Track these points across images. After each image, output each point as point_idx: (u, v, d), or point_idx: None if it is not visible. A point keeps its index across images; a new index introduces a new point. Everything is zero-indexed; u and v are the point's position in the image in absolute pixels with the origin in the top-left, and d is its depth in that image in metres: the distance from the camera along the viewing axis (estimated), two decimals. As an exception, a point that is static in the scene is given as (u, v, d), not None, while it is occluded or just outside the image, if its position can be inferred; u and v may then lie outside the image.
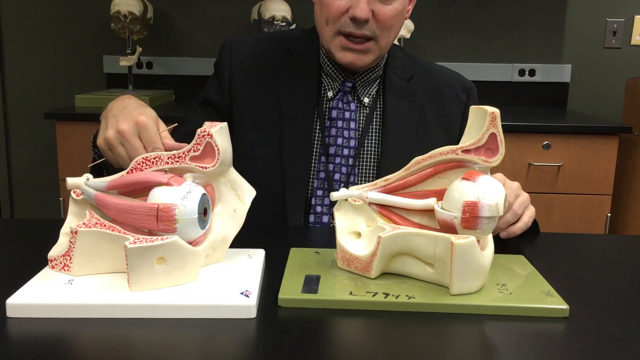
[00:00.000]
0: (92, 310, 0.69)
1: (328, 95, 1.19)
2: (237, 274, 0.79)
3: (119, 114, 0.91)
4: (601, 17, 2.73)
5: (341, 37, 1.11)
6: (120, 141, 0.88)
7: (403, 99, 1.20)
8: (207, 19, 2.76)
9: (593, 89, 2.78)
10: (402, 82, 1.21)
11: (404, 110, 1.19)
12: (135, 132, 0.88)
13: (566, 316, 0.73)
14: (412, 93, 1.21)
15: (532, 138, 2.23)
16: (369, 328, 0.70)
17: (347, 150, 1.17)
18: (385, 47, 1.14)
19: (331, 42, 1.13)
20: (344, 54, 1.12)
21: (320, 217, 1.17)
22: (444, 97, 1.23)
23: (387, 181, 0.85)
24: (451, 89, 1.24)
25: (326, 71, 1.20)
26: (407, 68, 1.23)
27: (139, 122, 0.87)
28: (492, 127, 0.79)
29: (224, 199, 0.83)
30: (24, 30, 2.78)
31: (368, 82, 1.20)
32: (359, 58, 1.12)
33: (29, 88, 2.78)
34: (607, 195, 2.26)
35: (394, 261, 0.81)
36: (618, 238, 1.33)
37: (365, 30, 1.09)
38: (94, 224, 0.77)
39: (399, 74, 1.21)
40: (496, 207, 0.74)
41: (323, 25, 1.13)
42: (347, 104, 1.18)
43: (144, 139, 0.88)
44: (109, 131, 0.89)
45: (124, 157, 0.89)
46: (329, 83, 1.20)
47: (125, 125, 0.88)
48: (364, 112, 1.20)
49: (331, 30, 1.11)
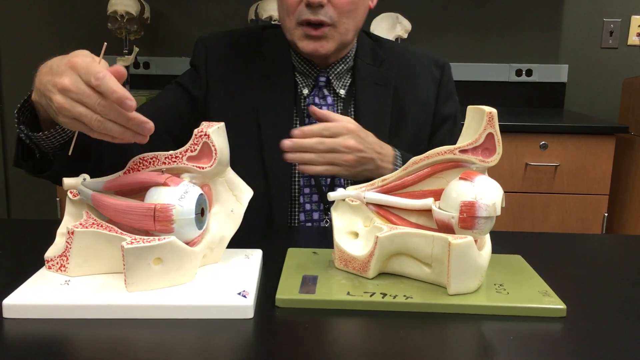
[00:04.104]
0: (89, 311, 0.69)
1: (304, 92, 1.20)
2: (234, 274, 0.79)
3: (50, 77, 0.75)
4: (598, 18, 2.73)
5: (302, 26, 1.12)
6: (74, 99, 0.72)
7: (374, 85, 1.21)
8: (204, 19, 2.76)
9: (590, 89, 2.79)
10: (372, 69, 1.22)
11: (377, 96, 1.20)
12: (78, 79, 0.71)
13: (563, 316, 0.73)
14: (383, 78, 1.21)
15: (529, 138, 2.23)
16: (366, 328, 0.70)
17: None
18: (345, 33, 1.13)
19: (294, 34, 1.13)
20: (306, 43, 1.13)
21: (310, 214, 1.17)
22: (417, 76, 1.24)
23: (384, 181, 0.85)
24: (424, 68, 1.25)
25: (299, 69, 1.20)
26: (377, 54, 1.24)
27: (73, 66, 0.72)
28: (489, 127, 0.79)
29: (221, 199, 0.83)
30: (21, 29, 2.77)
31: (341, 74, 1.21)
32: (320, 45, 1.12)
33: (25, 88, 2.76)
34: (604, 195, 2.26)
35: (392, 261, 0.81)
36: (615, 238, 1.33)
37: (320, 16, 1.09)
38: (90, 224, 0.77)
39: (368, 61, 1.22)
40: (493, 207, 0.74)
41: (285, 18, 1.14)
42: (323, 99, 1.19)
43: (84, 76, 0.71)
44: (56, 98, 0.72)
45: (87, 116, 0.71)
46: (303, 81, 1.21)
47: (65, 79, 0.71)
48: (341, 104, 1.21)
49: (292, 22, 1.12)
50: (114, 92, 0.70)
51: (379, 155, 1.05)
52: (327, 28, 1.11)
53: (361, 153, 1.02)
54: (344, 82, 1.21)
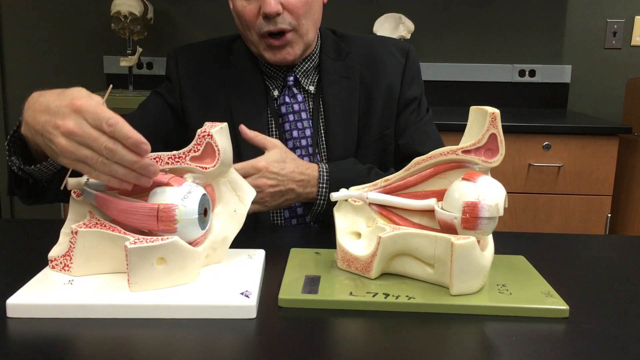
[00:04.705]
0: (92, 311, 0.70)
1: (274, 94, 1.22)
2: (237, 274, 0.79)
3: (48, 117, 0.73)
4: (601, 18, 2.73)
5: (264, 39, 1.14)
6: (79, 142, 0.70)
7: (340, 78, 1.22)
8: (207, 20, 2.76)
9: (593, 90, 2.78)
10: (337, 63, 1.24)
11: (343, 89, 1.22)
12: (84, 122, 0.70)
13: (566, 316, 0.73)
14: (349, 70, 1.23)
15: (532, 139, 2.23)
16: (369, 328, 0.70)
17: (304, 141, 1.20)
18: (307, 33, 1.16)
19: (259, 46, 1.16)
20: (272, 53, 1.15)
21: (294, 210, 1.19)
22: (382, 63, 1.25)
23: (387, 182, 0.85)
24: (389, 54, 1.26)
25: (267, 73, 1.23)
26: (340, 48, 1.26)
27: (77, 109, 0.70)
28: (492, 128, 0.79)
29: (224, 199, 0.83)
30: (25, 30, 2.78)
31: (309, 71, 1.23)
32: (287, 52, 1.15)
33: (29, 88, 2.76)
34: (607, 196, 2.26)
35: (394, 261, 0.81)
36: (618, 239, 1.33)
37: (280, 25, 1.11)
38: (94, 224, 0.77)
39: (332, 56, 1.24)
40: (496, 207, 0.74)
41: (246, 34, 1.17)
42: (293, 97, 1.21)
43: (92, 121, 0.70)
44: (58, 141, 0.71)
45: (93, 159, 0.71)
46: (272, 83, 1.23)
47: (69, 122, 0.70)
48: (311, 100, 1.23)
49: (254, 36, 1.15)
50: (129, 137, 0.70)
51: (299, 182, 1.05)
52: (289, 34, 1.13)
53: (275, 188, 1.03)
54: (312, 79, 1.24)
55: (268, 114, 1.21)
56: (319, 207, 1.08)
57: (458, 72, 2.75)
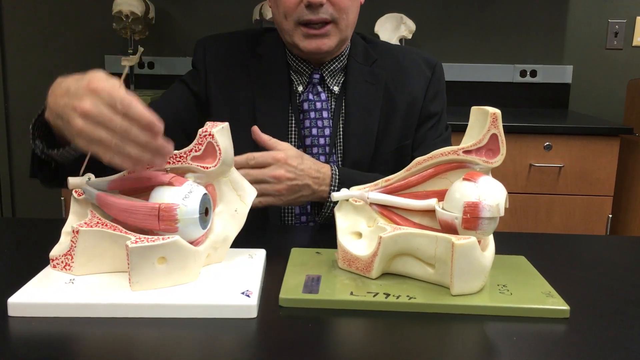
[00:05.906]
0: (93, 310, 0.70)
1: (299, 89, 1.23)
2: (238, 274, 0.79)
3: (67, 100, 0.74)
4: (603, 19, 2.73)
5: (301, 27, 1.14)
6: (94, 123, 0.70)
7: (365, 82, 1.23)
8: (209, 19, 2.76)
9: (594, 90, 2.78)
10: (364, 68, 1.24)
11: (367, 93, 1.22)
12: (99, 102, 0.71)
13: (567, 317, 0.73)
14: (374, 76, 1.24)
15: (533, 139, 2.23)
16: (369, 328, 0.70)
17: (322, 140, 1.20)
18: (345, 29, 1.17)
19: (294, 35, 1.16)
20: (308, 42, 1.15)
21: (305, 207, 1.19)
22: (408, 74, 1.26)
23: (388, 182, 0.85)
24: (416, 66, 1.27)
25: (293, 68, 1.23)
26: (369, 54, 1.27)
27: (94, 90, 0.71)
28: (493, 128, 0.79)
29: (225, 199, 0.84)
30: (26, 29, 2.78)
31: (335, 72, 1.24)
32: (322, 42, 1.15)
33: (30, 87, 2.78)
34: (608, 197, 2.26)
35: (395, 261, 0.81)
36: (619, 239, 1.33)
37: (322, 14, 1.12)
38: (95, 223, 0.77)
39: (360, 61, 1.25)
40: (497, 207, 0.74)
41: (282, 20, 1.16)
42: (317, 95, 1.22)
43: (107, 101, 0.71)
44: (76, 122, 0.71)
45: (107, 140, 0.71)
46: (297, 79, 1.23)
47: (86, 103, 0.70)
48: (334, 101, 1.23)
49: (290, 24, 1.15)
50: (142, 117, 0.71)
51: (316, 179, 1.05)
52: (329, 26, 1.14)
53: (292, 181, 1.03)
54: (337, 80, 1.24)
55: (290, 108, 1.21)
56: (328, 209, 1.09)
57: (459, 72, 2.74)
